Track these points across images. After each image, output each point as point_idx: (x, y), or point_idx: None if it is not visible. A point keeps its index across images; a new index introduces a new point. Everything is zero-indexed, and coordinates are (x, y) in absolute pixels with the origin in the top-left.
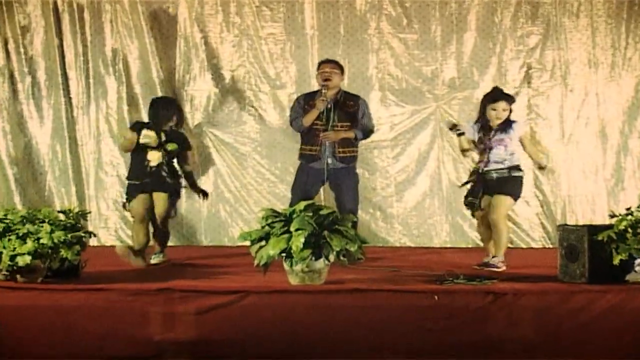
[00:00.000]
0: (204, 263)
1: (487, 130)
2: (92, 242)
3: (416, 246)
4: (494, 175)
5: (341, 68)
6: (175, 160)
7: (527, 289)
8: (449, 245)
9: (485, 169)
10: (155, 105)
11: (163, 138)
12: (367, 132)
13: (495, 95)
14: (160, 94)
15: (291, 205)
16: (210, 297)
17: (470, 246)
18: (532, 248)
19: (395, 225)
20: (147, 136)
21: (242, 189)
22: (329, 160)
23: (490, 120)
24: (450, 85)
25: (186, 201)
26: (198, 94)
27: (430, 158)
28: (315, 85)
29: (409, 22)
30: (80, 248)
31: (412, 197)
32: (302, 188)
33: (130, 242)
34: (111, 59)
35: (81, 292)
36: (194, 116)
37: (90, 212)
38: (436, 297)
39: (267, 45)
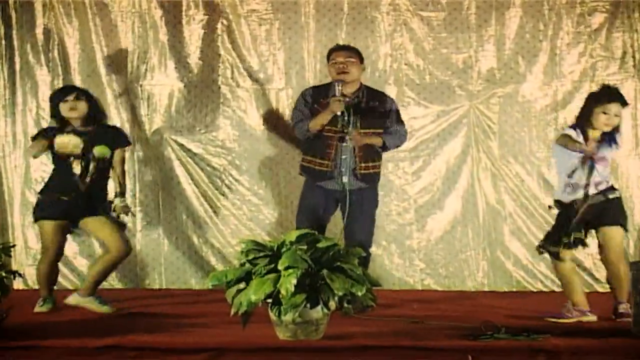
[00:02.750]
0: (164, 312)
1: (589, 140)
2: (18, 284)
3: (443, 289)
4: (598, 199)
5: (360, 56)
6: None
7: (590, 346)
8: (486, 289)
9: (591, 191)
10: (58, 96)
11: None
12: (399, 138)
13: (610, 94)
14: (107, 88)
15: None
16: (174, 357)
17: (514, 289)
18: (597, 292)
19: (415, 261)
20: (63, 143)
21: (214, 215)
22: (346, 179)
23: (596, 126)
24: (488, 78)
25: (141, 230)
26: (157, 90)
27: (462, 174)
28: (310, 79)
29: None
30: (2, 293)
31: (438, 226)
32: (313, 215)
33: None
34: (43, 43)
35: (4, 352)
36: (151, 119)
37: (14, 246)
38: (470, 358)
39: (248, 26)
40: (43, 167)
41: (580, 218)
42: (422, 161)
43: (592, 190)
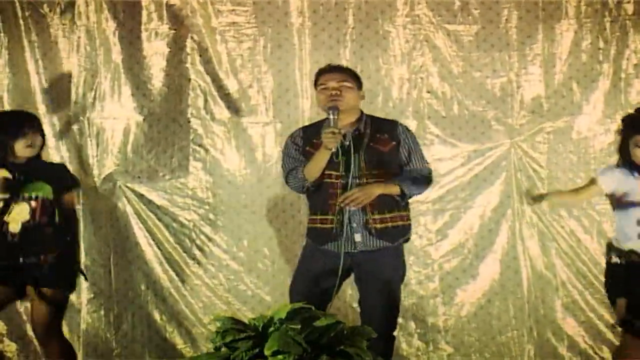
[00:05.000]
0: None
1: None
2: None
3: None
4: None
5: (358, 80)
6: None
7: None
8: None
9: None
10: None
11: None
12: (422, 181)
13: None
14: (44, 119)
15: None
16: None
17: None
18: None
19: (441, 344)
20: None
21: (182, 285)
22: (359, 237)
23: (636, 161)
24: (533, 109)
25: (87, 305)
26: (109, 124)
27: (501, 232)
28: (305, 110)
29: (464, 4)
30: None
31: (469, 299)
32: (313, 288)
33: None
34: None
35: None
36: (101, 162)
37: None
38: None
39: (225, 44)
40: None
41: None
42: (450, 215)
43: None
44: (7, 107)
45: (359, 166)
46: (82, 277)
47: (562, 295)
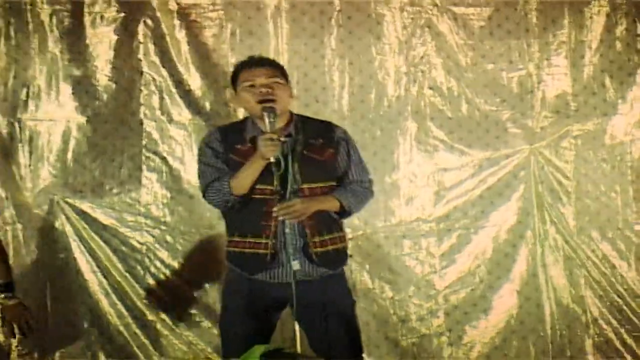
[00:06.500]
0: None
1: None
2: None
3: None
4: None
5: (286, 75)
6: None
7: None
8: None
9: None
10: None
11: None
12: (363, 194)
13: None
14: None
15: (226, 353)
16: None
17: None
18: None
19: None
20: None
21: (133, 322)
22: (297, 265)
23: None
24: (557, 109)
25: (15, 350)
26: (45, 127)
27: (519, 257)
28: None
29: None
30: None
31: (482, 337)
32: (246, 328)
33: None
34: None
35: None
36: (36, 172)
37: None
38: None
39: (185, 30)
40: None
41: None
42: (457, 237)
43: None
44: None
45: (295, 178)
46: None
47: (594, 334)
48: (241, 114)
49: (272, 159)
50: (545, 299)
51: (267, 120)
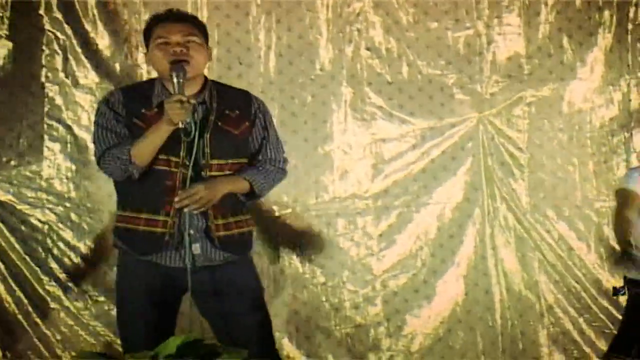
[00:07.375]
0: None
1: None
2: None
3: None
4: None
5: (205, 34)
6: None
7: None
8: None
9: None
10: None
11: None
12: (275, 175)
13: None
14: None
15: (126, 348)
16: None
17: None
18: None
19: None
20: None
21: (34, 312)
22: (198, 249)
23: None
24: (509, 73)
25: None
26: None
27: (466, 238)
28: (213, 71)
29: None
30: None
31: (423, 328)
32: (144, 316)
33: None
34: None
35: None
36: None
37: None
38: None
39: None
40: None
41: None
42: (397, 216)
43: None
44: None
45: (203, 152)
46: None
47: (549, 324)
48: (146, 75)
49: (180, 125)
50: (495, 284)
51: (175, 80)
